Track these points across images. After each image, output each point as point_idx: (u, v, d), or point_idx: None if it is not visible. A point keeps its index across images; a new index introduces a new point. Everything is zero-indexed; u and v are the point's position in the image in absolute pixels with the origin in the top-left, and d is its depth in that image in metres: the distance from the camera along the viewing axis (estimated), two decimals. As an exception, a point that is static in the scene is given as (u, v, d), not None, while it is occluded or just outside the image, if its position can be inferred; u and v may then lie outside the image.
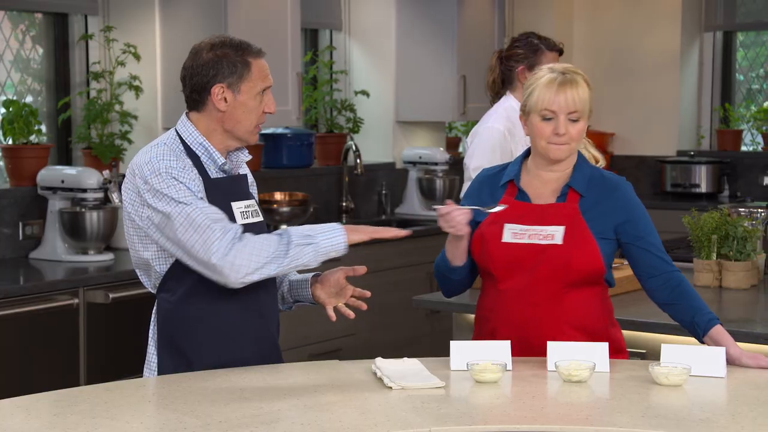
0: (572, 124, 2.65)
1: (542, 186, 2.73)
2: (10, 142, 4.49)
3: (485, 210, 2.70)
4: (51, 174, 4.36)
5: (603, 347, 2.55)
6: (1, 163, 4.58)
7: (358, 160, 5.61)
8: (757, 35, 7.09)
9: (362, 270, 2.67)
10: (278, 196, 5.19)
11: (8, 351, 3.77)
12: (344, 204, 5.76)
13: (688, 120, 7.04)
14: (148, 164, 2.55)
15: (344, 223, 5.99)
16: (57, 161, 4.81)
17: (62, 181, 4.31)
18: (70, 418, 2.19)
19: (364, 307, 2.72)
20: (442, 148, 6.09)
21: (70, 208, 4.31)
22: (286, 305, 2.81)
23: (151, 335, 2.69)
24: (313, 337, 4.68)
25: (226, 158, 2.67)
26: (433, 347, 5.32)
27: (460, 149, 6.75)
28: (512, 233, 2.68)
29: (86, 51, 4.88)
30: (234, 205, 2.63)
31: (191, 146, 2.61)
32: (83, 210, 4.27)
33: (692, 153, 6.87)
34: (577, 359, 2.50)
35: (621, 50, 6.95)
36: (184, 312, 2.60)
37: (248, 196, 2.69)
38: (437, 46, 5.87)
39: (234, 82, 2.57)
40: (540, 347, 2.65)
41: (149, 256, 2.60)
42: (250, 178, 2.79)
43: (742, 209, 3.83)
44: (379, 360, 2.57)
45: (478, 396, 2.39)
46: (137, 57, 4.76)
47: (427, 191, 5.91)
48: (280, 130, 5.41)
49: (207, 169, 2.61)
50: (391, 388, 2.40)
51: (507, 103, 4.09)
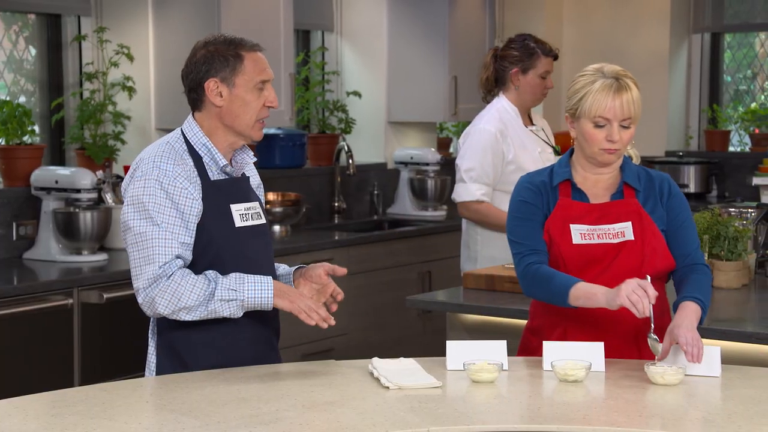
0: (624, 131, 2.64)
1: (594, 185, 2.72)
2: (4, 142, 4.49)
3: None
4: (45, 174, 4.37)
5: (599, 347, 2.56)
6: (-5, 164, 4.59)
7: (351, 161, 5.62)
8: (744, 37, 7.14)
9: (342, 271, 2.66)
10: (271, 196, 5.21)
11: (3, 351, 3.77)
12: (336, 204, 5.77)
13: (676, 121, 7.09)
14: (144, 162, 2.59)
15: (336, 224, 5.99)
16: (50, 162, 4.81)
17: (56, 182, 4.32)
18: (68, 419, 2.19)
19: (334, 308, 2.68)
20: (433, 149, 6.11)
21: (63, 208, 4.32)
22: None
23: (150, 336, 2.72)
24: (306, 337, 4.70)
25: (230, 159, 2.68)
26: (425, 346, 5.34)
27: (451, 149, 6.77)
28: (580, 234, 2.67)
29: (79, 52, 4.89)
30: (233, 207, 2.64)
31: (194, 146, 2.62)
32: (77, 210, 4.28)
33: (681, 153, 6.91)
34: (573, 359, 2.51)
35: (610, 52, 6.98)
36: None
37: (249, 198, 2.69)
38: (428, 48, 5.89)
39: (227, 75, 2.58)
40: (618, 346, 2.65)
41: None
42: (257, 180, 2.80)
43: (733, 209, 3.86)
44: (375, 360, 2.59)
45: (475, 396, 2.39)
46: (130, 58, 4.77)
47: (419, 191, 5.93)
48: (272, 131, 5.43)
49: (208, 170, 2.62)
50: (388, 387, 2.40)
51: (499, 104, 4.12)
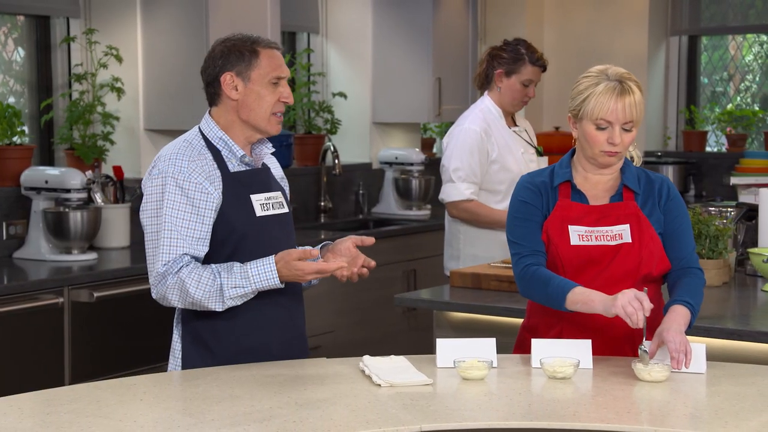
0: (626, 134, 2.62)
1: (594, 187, 2.72)
2: (-6, 143, 4.52)
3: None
4: (34, 174, 4.39)
5: (586, 344, 2.58)
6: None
7: (337, 161, 5.66)
8: (720, 39, 7.26)
9: (370, 241, 2.71)
10: (257, 196, 5.24)
11: (-6, 350, 3.80)
12: (322, 204, 5.81)
13: (655, 121, 7.17)
14: (161, 160, 2.67)
15: (322, 223, 6.03)
16: (39, 162, 4.83)
17: (46, 182, 4.34)
18: (63, 417, 2.21)
19: (366, 274, 2.75)
20: (417, 149, 6.15)
21: (53, 208, 4.34)
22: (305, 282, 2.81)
23: (175, 324, 2.78)
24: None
25: (250, 152, 2.75)
26: (411, 344, 5.40)
27: (435, 150, 6.83)
28: (578, 235, 2.67)
29: (68, 53, 4.91)
30: (253, 197, 2.70)
31: (212, 141, 2.70)
32: (67, 210, 4.30)
33: (659, 153, 7.00)
34: (561, 356, 2.52)
35: (590, 53, 7.06)
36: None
37: (270, 188, 2.75)
38: (413, 49, 5.94)
39: (243, 70, 2.66)
40: (614, 347, 2.66)
41: None
42: (280, 172, 2.86)
43: (713, 208, 3.93)
44: (366, 358, 2.61)
45: (466, 393, 2.41)
46: (119, 59, 4.79)
47: (404, 191, 5.97)
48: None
49: (228, 163, 2.69)
50: (379, 385, 2.42)
51: (483, 104, 4.18)
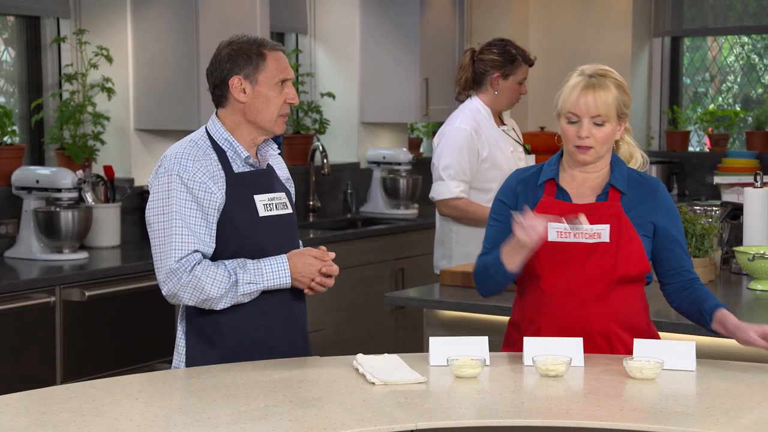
0: (597, 128, 2.62)
1: (580, 185, 2.72)
2: (-16, 142, 4.53)
3: (566, 224, 2.65)
4: (26, 174, 4.39)
5: (578, 342, 2.59)
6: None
7: (325, 161, 5.69)
8: (702, 40, 7.34)
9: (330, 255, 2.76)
10: (247, 195, 5.27)
11: (-14, 349, 3.80)
12: (311, 203, 5.84)
13: (638, 121, 7.20)
14: (167, 159, 2.71)
15: (311, 222, 6.07)
16: (29, 162, 4.83)
17: (37, 181, 4.35)
18: (59, 416, 2.20)
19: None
20: (405, 149, 6.18)
21: (44, 207, 4.35)
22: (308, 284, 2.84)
23: (179, 320, 2.80)
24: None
25: (256, 153, 2.78)
26: (399, 341, 5.44)
27: (422, 149, 6.87)
28: (557, 232, 2.66)
29: (58, 53, 4.92)
30: (256, 197, 2.73)
31: (218, 142, 2.73)
32: (58, 209, 4.31)
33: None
34: (553, 354, 2.52)
35: (574, 54, 7.09)
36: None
37: (274, 189, 2.78)
38: (400, 50, 5.97)
39: (250, 73, 2.69)
40: (587, 345, 2.67)
41: None
42: (285, 174, 2.89)
43: (698, 207, 3.98)
44: (360, 356, 2.61)
45: (459, 391, 2.41)
46: (109, 59, 4.81)
47: (391, 190, 6.01)
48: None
49: (232, 163, 2.72)
50: (373, 383, 2.42)
51: (472, 104, 4.20)
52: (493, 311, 3.37)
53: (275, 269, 2.67)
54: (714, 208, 3.96)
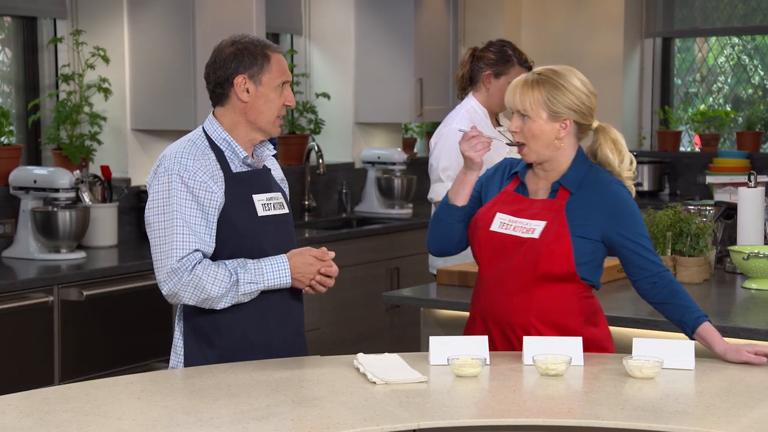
0: (525, 122, 2.71)
1: (539, 182, 2.80)
2: (-18, 143, 4.54)
3: (504, 141, 2.81)
4: (23, 174, 4.40)
5: (577, 341, 2.60)
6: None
7: (321, 160, 5.71)
8: (693, 41, 7.39)
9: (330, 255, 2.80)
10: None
11: (-15, 348, 3.81)
12: (307, 203, 5.87)
13: (630, 122, 7.25)
14: (166, 159, 2.70)
15: (307, 221, 6.08)
16: (26, 162, 4.84)
17: (34, 181, 4.35)
18: (62, 416, 2.20)
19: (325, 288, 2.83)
20: (399, 149, 6.21)
21: (42, 207, 4.36)
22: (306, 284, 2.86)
23: (177, 320, 2.80)
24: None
25: (251, 153, 2.79)
26: (395, 340, 5.47)
27: (416, 150, 6.91)
28: (501, 223, 2.76)
29: (55, 54, 4.92)
30: (255, 197, 2.74)
31: (215, 141, 2.74)
32: (55, 209, 4.32)
33: (635, 153, 7.03)
34: (553, 353, 2.53)
35: (567, 55, 7.13)
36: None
37: (271, 189, 2.80)
38: (395, 51, 5.99)
39: (255, 73, 2.70)
40: (512, 337, 2.73)
41: None
42: (280, 174, 2.90)
43: (692, 207, 4.01)
44: (360, 355, 2.61)
45: (460, 390, 2.42)
46: (106, 60, 4.82)
47: (386, 190, 6.02)
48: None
49: (230, 163, 2.73)
50: (374, 383, 2.43)
51: (468, 104, 4.20)
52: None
53: (275, 269, 2.67)
54: (708, 207, 3.98)
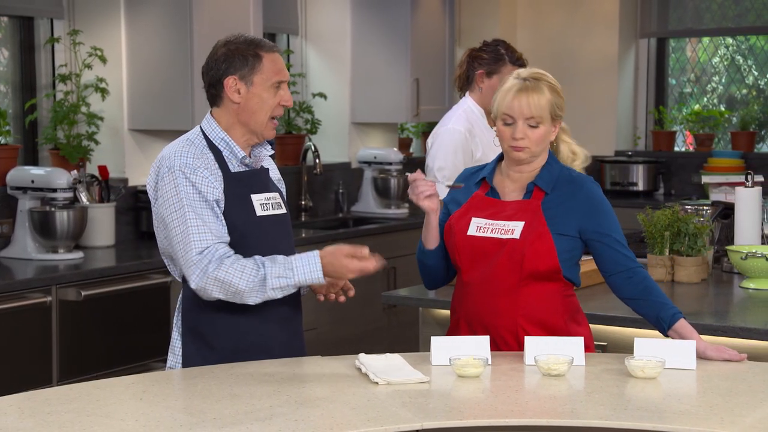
0: (531, 129, 2.72)
1: (512, 184, 2.81)
2: (-21, 143, 4.53)
3: (447, 185, 2.85)
4: (20, 174, 4.40)
5: (578, 341, 2.61)
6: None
7: (317, 160, 5.72)
8: (687, 42, 7.41)
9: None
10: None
11: (-17, 348, 3.80)
12: (303, 203, 5.87)
13: (625, 121, 7.28)
14: (167, 158, 2.70)
15: (303, 221, 6.08)
16: (23, 162, 4.84)
17: (32, 181, 4.35)
18: (64, 416, 2.20)
19: (343, 299, 2.85)
20: (395, 149, 6.21)
21: (40, 207, 4.35)
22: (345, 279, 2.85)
23: (175, 322, 2.80)
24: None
25: (249, 153, 2.78)
26: (392, 339, 5.47)
27: (412, 149, 6.92)
28: (477, 227, 2.77)
29: (52, 54, 4.92)
30: (254, 197, 2.74)
31: (213, 141, 2.73)
32: (53, 209, 4.32)
33: (629, 153, 7.09)
34: (554, 353, 2.53)
35: (562, 55, 7.16)
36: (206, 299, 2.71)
37: (269, 189, 2.80)
38: (391, 51, 6.00)
39: (246, 74, 2.69)
40: (498, 339, 2.74)
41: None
42: (277, 174, 2.90)
43: (689, 206, 4.02)
44: (362, 356, 2.61)
45: (462, 391, 2.42)
46: (103, 60, 4.82)
47: (382, 190, 6.03)
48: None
49: (228, 163, 2.73)
50: (377, 383, 2.43)
51: (465, 104, 4.21)
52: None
53: (306, 263, 2.63)
54: (705, 207, 3.99)
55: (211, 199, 2.67)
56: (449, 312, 3.49)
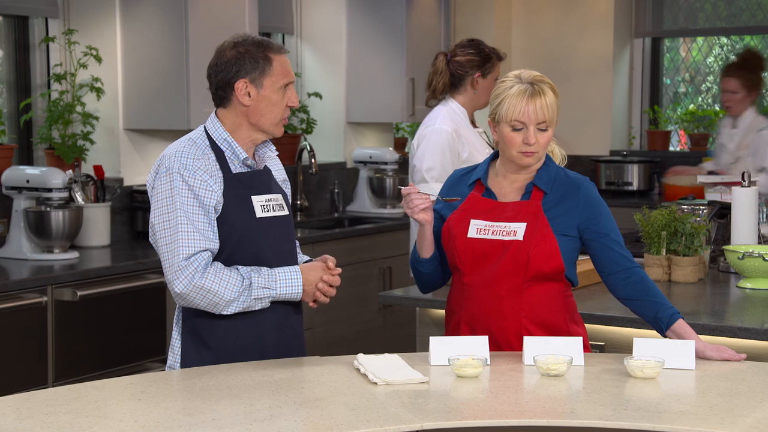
0: (541, 134, 2.72)
1: (509, 185, 2.81)
2: (-26, 142, 4.52)
3: (441, 198, 2.83)
4: (16, 174, 4.39)
5: (577, 341, 2.61)
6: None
7: (313, 160, 5.72)
8: (682, 41, 7.43)
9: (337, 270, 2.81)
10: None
11: (-21, 349, 3.79)
12: (299, 202, 5.87)
13: (620, 121, 7.29)
14: (167, 158, 2.70)
15: (299, 221, 6.08)
16: (18, 161, 4.83)
17: (27, 181, 4.34)
18: (62, 417, 2.20)
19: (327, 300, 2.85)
20: (391, 148, 6.22)
21: (35, 207, 4.34)
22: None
23: (175, 322, 2.80)
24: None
25: (254, 154, 2.78)
26: (388, 339, 5.47)
27: (407, 149, 6.91)
28: (477, 229, 2.76)
29: (47, 53, 4.91)
30: (254, 198, 2.73)
31: (216, 141, 2.73)
32: (48, 209, 4.31)
33: (624, 153, 7.10)
34: (554, 354, 2.54)
35: (557, 55, 7.17)
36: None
37: (271, 190, 2.79)
38: (386, 50, 6.01)
39: (256, 77, 2.68)
40: (501, 341, 2.74)
41: None
42: (282, 175, 2.89)
43: (685, 206, 4.03)
44: (360, 356, 2.61)
45: (462, 391, 2.42)
46: (98, 59, 4.81)
47: (378, 190, 6.04)
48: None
49: (230, 164, 2.72)
50: (376, 383, 2.43)
51: (449, 105, 4.19)
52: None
53: (288, 277, 2.67)
54: (701, 207, 4.00)
55: (207, 204, 2.66)
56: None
